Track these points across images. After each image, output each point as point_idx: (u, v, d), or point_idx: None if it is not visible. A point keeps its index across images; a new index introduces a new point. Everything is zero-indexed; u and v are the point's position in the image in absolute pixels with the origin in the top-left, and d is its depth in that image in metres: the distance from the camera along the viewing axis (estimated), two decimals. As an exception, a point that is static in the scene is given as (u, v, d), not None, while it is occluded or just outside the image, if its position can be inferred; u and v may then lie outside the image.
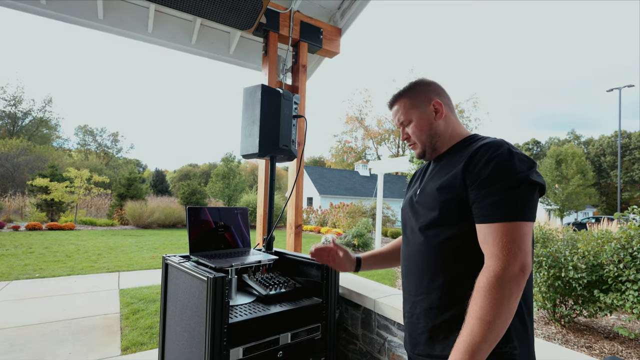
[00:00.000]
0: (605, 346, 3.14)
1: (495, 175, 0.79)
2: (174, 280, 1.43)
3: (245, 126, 1.72)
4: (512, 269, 0.73)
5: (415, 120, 1.00)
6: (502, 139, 0.87)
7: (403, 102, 1.02)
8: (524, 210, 0.77)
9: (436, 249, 0.89)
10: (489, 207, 0.79)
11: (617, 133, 30.24)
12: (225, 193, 21.75)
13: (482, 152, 0.84)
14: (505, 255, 0.74)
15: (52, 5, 1.91)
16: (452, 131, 1.00)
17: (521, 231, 0.76)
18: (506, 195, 0.78)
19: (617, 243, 3.14)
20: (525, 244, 0.76)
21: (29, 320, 3.45)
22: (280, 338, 1.29)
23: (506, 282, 0.73)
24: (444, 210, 0.87)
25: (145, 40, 2.27)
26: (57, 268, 5.94)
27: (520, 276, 0.74)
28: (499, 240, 0.76)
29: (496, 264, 0.75)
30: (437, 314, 0.89)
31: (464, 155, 0.88)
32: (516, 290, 0.73)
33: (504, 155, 0.81)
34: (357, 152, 33.87)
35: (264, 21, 2.06)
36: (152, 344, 2.96)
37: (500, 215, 0.77)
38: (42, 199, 13.90)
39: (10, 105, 31.59)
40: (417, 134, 1.00)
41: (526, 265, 0.74)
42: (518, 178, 0.78)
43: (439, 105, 0.99)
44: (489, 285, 0.74)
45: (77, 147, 40.09)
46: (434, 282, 0.90)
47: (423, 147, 1.01)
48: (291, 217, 2.25)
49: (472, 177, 0.83)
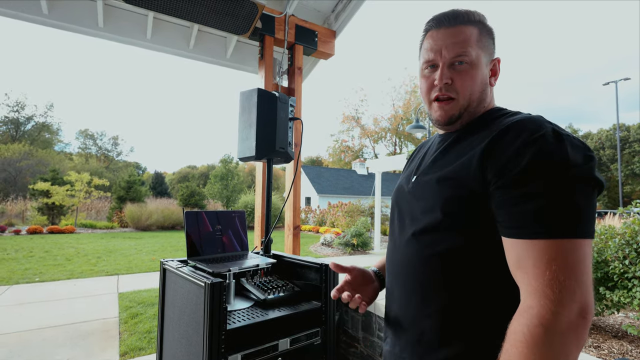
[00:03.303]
0: (614, 345, 3.10)
1: (538, 167, 0.54)
2: (172, 286, 1.43)
3: (242, 129, 1.72)
4: (568, 315, 0.49)
5: (479, 64, 0.69)
6: (541, 116, 0.61)
7: (471, 30, 0.69)
8: (583, 222, 0.53)
9: (433, 261, 0.66)
10: (527, 215, 0.54)
11: (616, 126, 30.24)
12: (224, 194, 21.78)
13: (515, 134, 0.58)
14: (556, 293, 0.50)
15: (54, 15, 1.95)
16: (488, 104, 0.73)
17: (579, 254, 0.52)
18: (556, 198, 0.53)
19: (622, 239, 3.09)
20: (585, 274, 0.52)
21: (29, 325, 3.45)
22: (279, 344, 1.29)
23: (561, 335, 0.49)
24: (448, 210, 0.64)
25: (144, 47, 2.30)
26: (57, 272, 5.94)
27: (582, 324, 0.50)
28: (546, 268, 0.52)
29: (543, 305, 0.51)
30: (429, 350, 0.66)
31: (484, 135, 0.62)
32: (576, 347, 0.50)
33: (548, 140, 0.55)
34: (354, 151, 33.90)
35: (260, 26, 2.07)
36: (150, 348, 2.96)
37: (546, 229, 0.53)
38: (43, 203, 13.94)
39: (13, 111, 31.83)
40: (469, 84, 0.69)
41: (588, 306, 0.50)
42: (573, 174, 0.54)
43: (499, 65, 0.73)
44: (534, 339, 0.50)
45: (77, 151, 40.22)
46: (427, 307, 0.66)
47: (461, 107, 0.70)
48: (289, 218, 2.26)
49: (497, 169, 0.58)
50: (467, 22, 0.70)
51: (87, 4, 2.03)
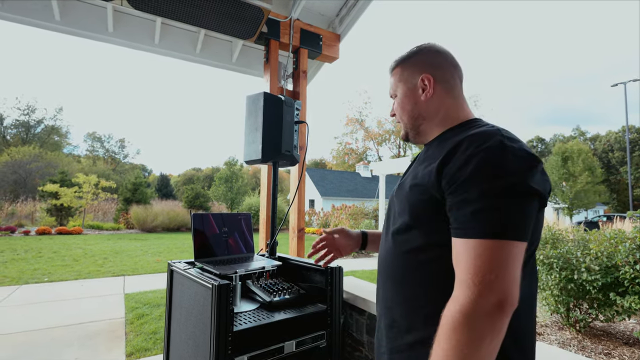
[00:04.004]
0: (625, 353, 3.01)
1: (478, 176, 0.61)
2: (179, 287, 1.44)
3: (248, 133, 1.74)
4: (484, 304, 0.56)
5: (399, 96, 0.87)
6: (498, 128, 0.70)
7: (396, 71, 0.88)
8: (513, 226, 0.59)
9: (403, 258, 0.75)
10: (465, 218, 0.61)
11: (625, 128, 29.76)
12: (228, 196, 21.87)
13: (466, 146, 0.65)
14: (477, 284, 0.57)
15: (65, 22, 2.01)
16: (445, 115, 0.81)
17: (504, 253, 0.58)
18: (489, 203, 0.59)
19: (632, 243, 3.00)
20: (508, 270, 0.57)
21: (37, 325, 3.50)
22: (285, 346, 1.29)
23: (475, 321, 0.56)
24: (415, 214, 0.72)
25: (152, 52, 2.34)
26: (65, 272, 6.02)
27: (498, 313, 0.56)
28: (473, 262, 0.58)
29: (465, 294, 0.58)
30: (398, 334, 0.75)
31: (446, 147, 0.71)
32: (490, 333, 0.56)
33: (492, 150, 0.62)
34: (358, 154, 33.86)
35: (265, 30, 2.09)
36: (156, 349, 2.98)
37: (478, 229, 0.59)
38: (52, 204, 14.15)
39: (24, 114, 32.46)
40: (399, 112, 0.87)
41: (507, 299, 0.56)
42: (508, 181, 0.60)
43: (428, 81, 0.81)
44: (454, 323, 0.57)
45: (85, 154, 40.80)
46: (397, 297, 0.76)
47: (405, 128, 0.88)
48: (294, 221, 2.27)
49: (449, 177, 0.65)
50: (394, 67, 0.90)
51: (98, 10, 2.08)
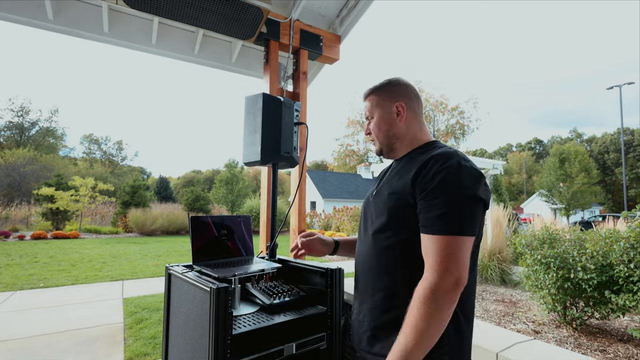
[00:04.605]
0: (620, 349, 3.05)
1: (442, 187, 0.82)
2: (177, 291, 1.42)
3: (247, 134, 1.72)
4: (446, 283, 0.77)
5: (377, 118, 1.05)
6: (455, 150, 0.90)
7: (371, 98, 1.07)
8: (466, 225, 0.80)
9: (383, 253, 0.94)
10: (433, 219, 0.82)
11: (620, 130, 30.06)
12: (229, 199, 21.80)
13: (432, 163, 0.86)
14: (441, 269, 0.78)
15: (59, 21, 1.96)
16: (413, 136, 1.03)
17: (460, 245, 0.79)
18: (450, 208, 0.80)
19: (626, 242, 3.08)
20: (462, 258, 0.79)
21: (33, 331, 3.45)
22: (285, 349, 1.27)
23: (440, 295, 0.77)
24: (392, 216, 0.91)
25: (149, 52, 2.30)
26: (62, 277, 5.95)
27: (454, 290, 0.77)
28: (438, 252, 0.79)
29: (432, 276, 0.79)
30: (379, 314, 0.94)
31: (417, 162, 0.90)
32: (448, 303, 0.77)
33: (452, 168, 0.84)
34: (359, 155, 33.89)
35: (265, 30, 2.08)
36: (155, 354, 2.95)
37: (441, 227, 0.80)
38: (48, 208, 14.03)
39: (17, 116, 32.18)
40: (376, 131, 1.05)
41: (461, 280, 0.78)
42: (464, 193, 0.81)
43: (402, 108, 1.02)
44: (424, 297, 0.77)
45: (82, 156, 40.61)
46: (378, 284, 0.95)
47: (380, 145, 1.06)
48: (294, 222, 2.25)
49: (420, 187, 0.86)
50: (369, 94, 1.08)
51: (92, 9, 2.05)
